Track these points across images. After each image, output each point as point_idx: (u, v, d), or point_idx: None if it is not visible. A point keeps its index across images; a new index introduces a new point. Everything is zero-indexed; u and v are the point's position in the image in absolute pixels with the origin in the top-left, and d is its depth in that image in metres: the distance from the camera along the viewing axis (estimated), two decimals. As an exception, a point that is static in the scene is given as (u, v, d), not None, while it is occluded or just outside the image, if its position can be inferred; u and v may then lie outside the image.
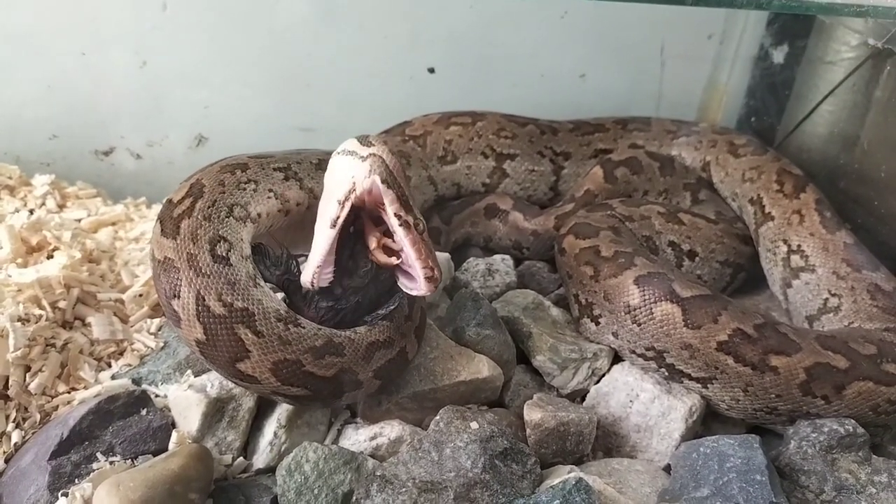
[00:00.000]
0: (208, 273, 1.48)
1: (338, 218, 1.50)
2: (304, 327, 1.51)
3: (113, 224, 2.27)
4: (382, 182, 1.50)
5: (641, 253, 1.96)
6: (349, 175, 1.53)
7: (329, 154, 1.86)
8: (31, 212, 2.21)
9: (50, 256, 1.97)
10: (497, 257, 2.25)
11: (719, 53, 2.92)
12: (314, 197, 1.74)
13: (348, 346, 1.53)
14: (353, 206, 1.50)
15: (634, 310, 1.81)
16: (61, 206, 2.34)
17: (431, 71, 2.70)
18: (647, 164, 2.51)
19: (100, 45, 2.45)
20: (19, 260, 1.93)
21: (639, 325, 1.81)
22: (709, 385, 1.77)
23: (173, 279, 1.48)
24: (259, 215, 1.66)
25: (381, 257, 1.53)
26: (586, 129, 2.62)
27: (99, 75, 2.50)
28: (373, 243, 1.55)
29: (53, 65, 2.46)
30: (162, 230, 1.55)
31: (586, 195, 2.41)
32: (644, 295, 1.81)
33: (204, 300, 1.45)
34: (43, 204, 2.30)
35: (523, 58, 2.79)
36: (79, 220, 2.24)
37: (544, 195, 2.58)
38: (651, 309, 1.79)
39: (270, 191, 1.69)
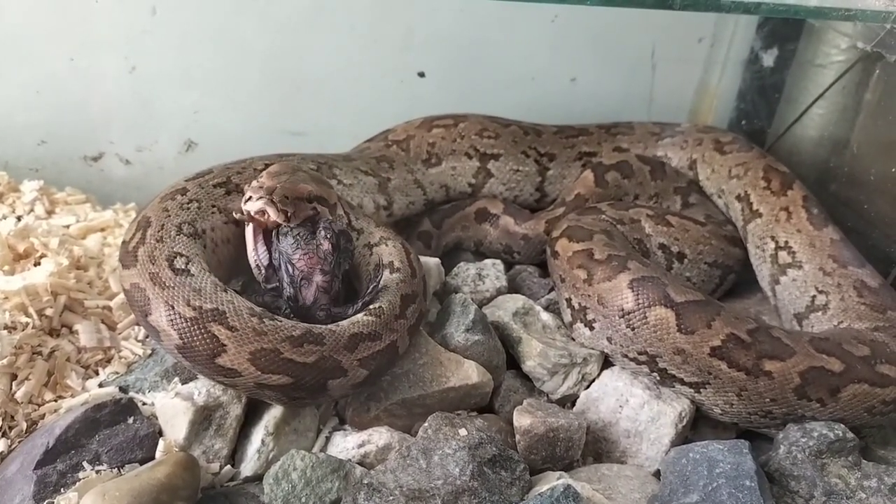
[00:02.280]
0: (172, 285, 1.56)
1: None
2: (280, 321, 1.56)
3: (102, 230, 2.26)
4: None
5: (634, 256, 1.96)
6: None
7: (281, 157, 2.04)
8: (19, 218, 2.20)
9: (37, 263, 1.96)
10: (488, 262, 2.24)
11: (710, 57, 2.93)
12: None
13: (329, 337, 1.57)
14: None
15: (628, 314, 1.81)
16: (50, 213, 2.32)
17: (422, 75, 2.69)
18: (638, 168, 2.51)
19: (89, 50, 2.44)
20: (6, 267, 1.92)
21: (633, 329, 1.80)
22: (701, 390, 1.76)
23: (143, 299, 1.57)
24: (204, 231, 1.77)
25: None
26: (570, 132, 2.62)
27: (88, 80, 2.49)
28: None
29: (42, 70, 2.45)
30: (123, 266, 1.66)
31: (577, 199, 2.40)
32: (638, 299, 1.80)
33: (173, 308, 1.53)
34: (31, 210, 2.28)
35: (514, 61, 2.80)
36: (67, 227, 2.22)
37: (530, 196, 2.58)
38: (645, 313, 1.78)
39: (213, 206, 1.82)
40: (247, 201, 1.65)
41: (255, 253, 1.71)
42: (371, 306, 1.69)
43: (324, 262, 1.66)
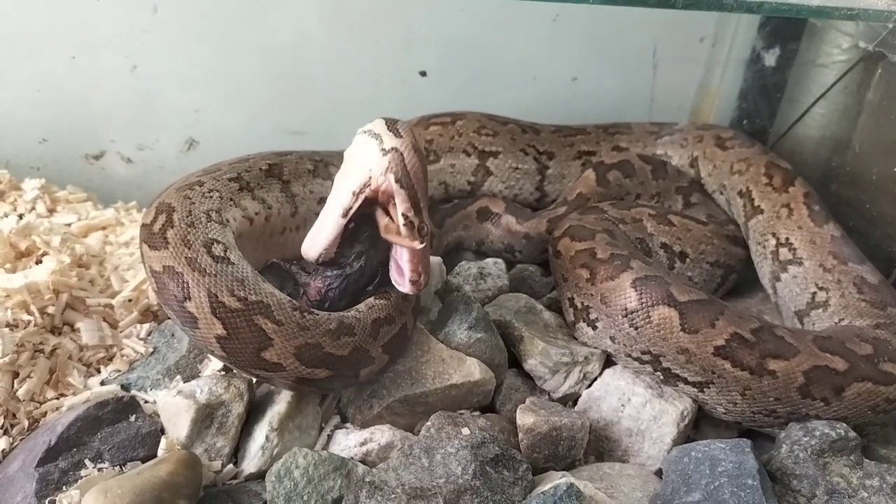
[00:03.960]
0: (213, 272, 1.51)
1: (350, 209, 1.60)
2: (316, 314, 1.57)
3: (103, 228, 2.26)
4: (396, 181, 1.57)
5: (637, 256, 1.95)
6: (367, 166, 1.59)
7: (279, 156, 2.00)
8: (21, 216, 2.20)
9: (39, 261, 1.96)
10: (489, 261, 2.24)
11: (711, 56, 2.93)
12: (268, 207, 1.86)
13: (357, 326, 1.60)
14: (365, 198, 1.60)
15: (632, 313, 1.80)
16: (51, 211, 2.32)
17: (423, 74, 2.69)
18: (640, 168, 2.51)
19: (90, 49, 2.44)
20: (8, 265, 1.92)
21: (636, 328, 1.80)
22: (705, 389, 1.76)
23: (180, 283, 1.50)
24: (228, 221, 1.72)
25: (392, 236, 1.61)
26: (567, 131, 2.63)
27: (89, 79, 2.48)
28: (383, 221, 1.62)
29: (43, 68, 2.45)
30: (150, 247, 1.58)
31: (578, 198, 2.40)
32: (642, 298, 1.80)
33: (217, 297, 1.48)
34: (33, 208, 2.28)
35: (515, 61, 2.80)
36: (69, 225, 2.22)
37: (530, 195, 2.58)
38: (648, 313, 1.78)
39: (231, 200, 1.77)
40: (400, 281, 1.61)
41: (331, 242, 1.64)
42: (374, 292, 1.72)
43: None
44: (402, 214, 1.58)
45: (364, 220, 1.65)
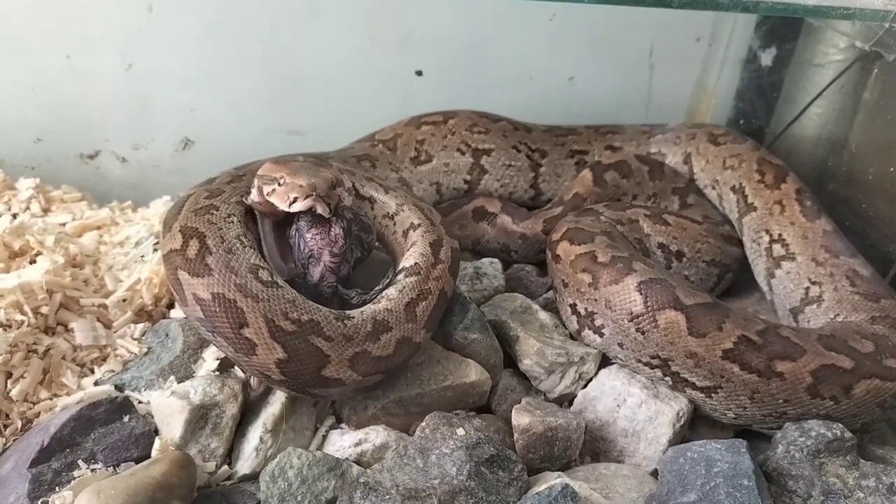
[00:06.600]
0: (266, 297, 1.53)
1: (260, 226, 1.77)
2: (353, 318, 1.60)
3: (98, 228, 2.25)
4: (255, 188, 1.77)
5: (638, 257, 1.93)
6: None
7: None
8: (15, 216, 2.18)
9: (33, 261, 1.95)
10: (485, 260, 2.24)
11: (708, 56, 2.92)
12: None
13: (391, 318, 1.63)
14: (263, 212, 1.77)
15: (637, 317, 1.78)
16: (46, 210, 2.31)
17: (419, 74, 2.69)
18: (637, 168, 2.50)
19: (85, 48, 2.43)
20: (1, 265, 1.90)
21: (643, 333, 1.78)
22: (713, 394, 1.75)
23: (234, 310, 1.51)
24: (252, 244, 1.71)
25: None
26: (559, 131, 2.63)
27: (84, 78, 2.48)
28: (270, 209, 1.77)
29: (38, 67, 2.44)
30: (191, 273, 1.55)
31: (575, 199, 2.40)
32: (647, 302, 1.78)
33: (274, 321, 1.50)
34: (27, 208, 2.27)
35: (512, 60, 2.79)
36: (63, 225, 2.21)
37: (525, 192, 2.58)
38: (655, 316, 1.76)
39: (244, 223, 1.76)
40: (292, 203, 1.63)
41: (277, 253, 1.73)
42: (406, 265, 1.77)
43: (334, 244, 1.69)
44: (259, 201, 1.74)
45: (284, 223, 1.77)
